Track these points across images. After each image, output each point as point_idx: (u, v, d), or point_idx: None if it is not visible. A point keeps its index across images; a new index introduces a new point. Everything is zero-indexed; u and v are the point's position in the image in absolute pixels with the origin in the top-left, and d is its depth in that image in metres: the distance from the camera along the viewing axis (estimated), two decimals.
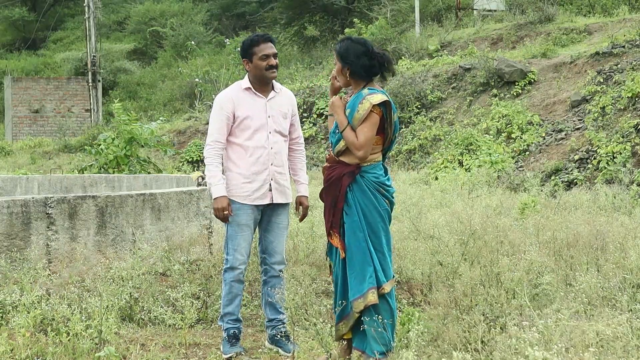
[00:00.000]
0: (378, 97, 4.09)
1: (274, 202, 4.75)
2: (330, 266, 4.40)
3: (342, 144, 4.16)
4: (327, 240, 4.33)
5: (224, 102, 4.71)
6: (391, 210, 4.25)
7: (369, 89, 4.17)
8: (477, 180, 11.31)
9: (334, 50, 4.28)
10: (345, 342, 4.28)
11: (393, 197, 4.27)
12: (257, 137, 4.69)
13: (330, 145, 4.34)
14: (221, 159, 4.71)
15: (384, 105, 4.11)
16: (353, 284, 4.10)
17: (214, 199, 4.64)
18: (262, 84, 4.75)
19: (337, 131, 4.22)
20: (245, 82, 4.78)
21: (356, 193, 4.13)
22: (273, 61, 4.69)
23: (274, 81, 4.80)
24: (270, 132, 4.73)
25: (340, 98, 4.28)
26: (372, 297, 4.04)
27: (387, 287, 4.11)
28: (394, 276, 4.23)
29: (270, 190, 4.73)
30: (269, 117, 4.73)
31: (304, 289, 5.06)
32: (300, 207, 4.92)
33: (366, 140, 4.06)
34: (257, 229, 4.89)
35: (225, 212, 4.62)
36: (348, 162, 4.17)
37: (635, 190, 9.52)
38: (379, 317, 4.03)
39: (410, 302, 5.42)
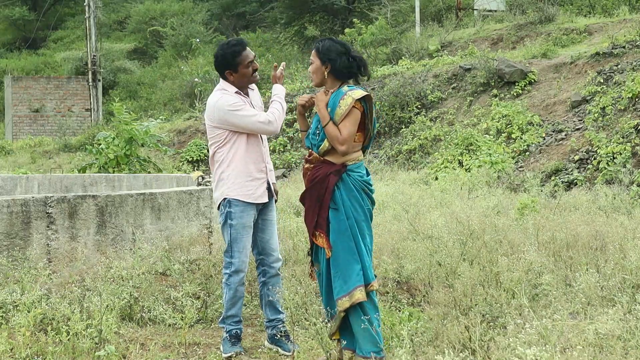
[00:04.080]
0: (359, 92, 4.17)
1: (269, 199, 4.79)
2: (311, 271, 4.41)
3: (326, 143, 4.18)
4: (311, 243, 4.31)
5: (232, 99, 4.68)
6: (372, 210, 4.31)
7: (348, 86, 4.25)
8: (477, 180, 11.31)
9: (314, 48, 4.29)
10: (344, 342, 4.29)
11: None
12: (252, 136, 4.73)
13: (309, 147, 4.33)
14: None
15: (365, 101, 4.18)
16: (337, 283, 4.11)
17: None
18: (243, 89, 4.80)
19: (318, 131, 4.24)
20: (231, 87, 4.75)
21: (343, 192, 4.16)
22: (256, 65, 4.77)
23: None
24: None
25: (325, 93, 4.31)
26: (360, 295, 4.06)
27: (375, 285, 4.14)
28: (375, 276, 4.27)
29: (268, 187, 4.76)
30: None
31: (303, 288, 5.07)
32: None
33: (349, 134, 4.12)
34: None
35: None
36: (334, 161, 4.19)
37: (635, 190, 9.53)
38: (366, 316, 4.04)
39: (410, 302, 5.43)
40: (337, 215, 4.15)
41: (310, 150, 4.32)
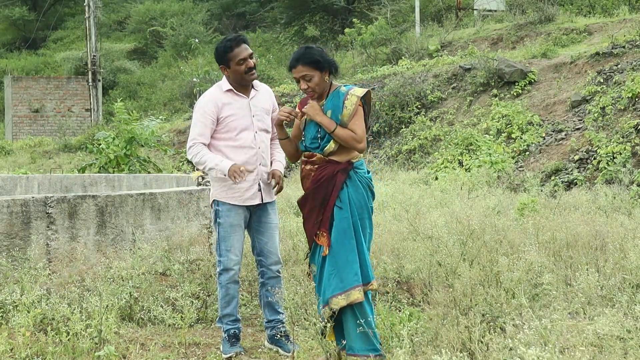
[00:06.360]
0: (361, 90, 4.22)
1: (263, 201, 4.74)
2: (309, 273, 4.37)
3: (332, 145, 4.15)
4: (312, 244, 4.28)
5: (207, 105, 4.66)
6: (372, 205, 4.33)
7: (345, 85, 4.27)
8: (477, 180, 11.31)
9: (304, 64, 4.14)
10: (345, 342, 4.28)
11: None
12: (243, 138, 4.67)
13: (304, 151, 4.28)
14: (207, 150, 4.66)
15: (364, 98, 4.21)
16: (332, 281, 4.08)
17: (228, 169, 4.51)
18: (242, 86, 4.73)
19: (319, 135, 4.19)
20: (226, 84, 4.72)
21: (350, 189, 4.15)
22: (251, 63, 4.63)
23: None
24: (256, 132, 4.71)
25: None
26: (359, 295, 4.04)
27: (375, 284, 4.12)
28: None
29: (260, 190, 4.72)
30: (253, 116, 4.71)
31: (303, 288, 5.07)
32: (273, 178, 4.77)
33: (363, 131, 4.16)
34: (249, 232, 4.87)
35: (242, 169, 4.50)
36: (339, 160, 4.19)
37: (635, 190, 9.53)
38: (362, 315, 4.02)
39: (410, 302, 5.43)
40: (341, 213, 4.12)
41: (309, 152, 4.27)
